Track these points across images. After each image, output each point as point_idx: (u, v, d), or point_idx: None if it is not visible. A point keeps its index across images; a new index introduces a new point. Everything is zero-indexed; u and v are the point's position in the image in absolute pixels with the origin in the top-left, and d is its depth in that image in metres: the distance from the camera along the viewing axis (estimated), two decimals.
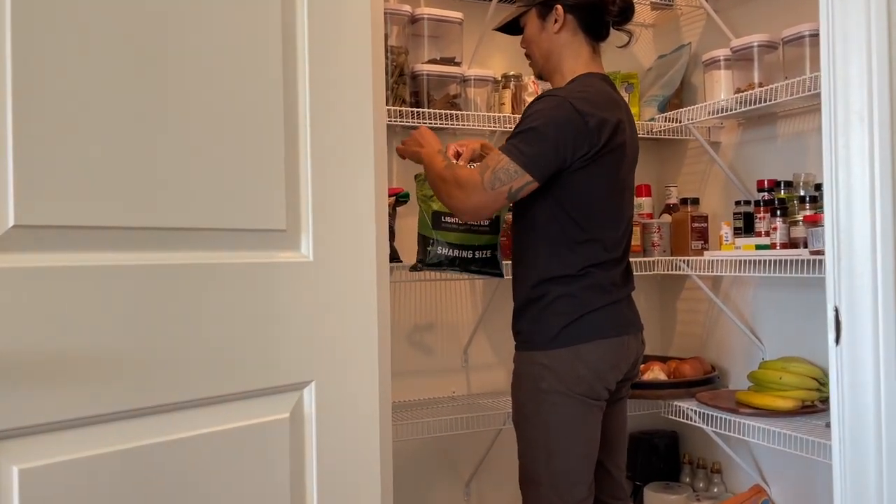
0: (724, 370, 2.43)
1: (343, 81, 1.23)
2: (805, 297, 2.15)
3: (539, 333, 1.59)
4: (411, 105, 2.23)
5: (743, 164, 2.37)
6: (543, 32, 1.66)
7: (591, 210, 1.58)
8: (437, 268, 1.85)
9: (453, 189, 1.57)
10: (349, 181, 1.25)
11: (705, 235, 2.26)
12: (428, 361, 2.39)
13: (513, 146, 1.54)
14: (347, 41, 1.23)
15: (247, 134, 1.07)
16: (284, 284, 1.13)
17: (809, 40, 1.93)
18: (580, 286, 1.58)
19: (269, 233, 1.12)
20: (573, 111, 1.52)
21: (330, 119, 1.22)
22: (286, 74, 1.12)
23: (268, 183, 1.11)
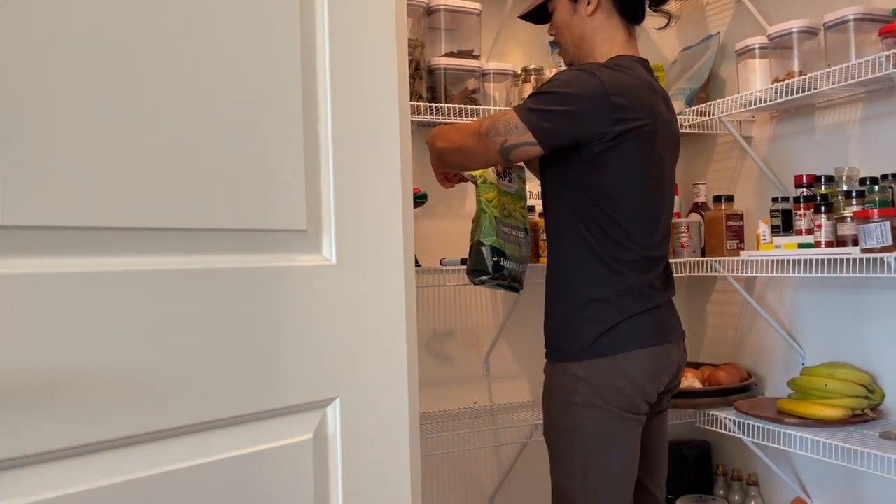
0: (760, 377, 2.31)
1: (367, 71, 1.12)
2: (849, 298, 2.03)
3: (572, 342, 1.47)
4: (428, 101, 2.11)
5: (777, 158, 2.25)
6: (575, 16, 1.54)
7: (622, 200, 1.46)
8: (500, 283, 1.66)
9: (451, 132, 1.52)
10: (375, 177, 1.14)
11: (741, 235, 2.13)
12: (448, 370, 2.27)
13: (524, 104, 1.45)
14: (371, 27, 1.12)
15: (261, 124, 0.96)
16: (305, 290, 1.01)
17: (854, 24, 1.81)
18: (616, 290, 1.46)
19: (287, 233, 1.01)
20: (598, 84, 1.41)
21: (353, 110, 1.10)
22: (305, 62, 1.01)
23: (286, 178, 1.00)
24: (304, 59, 1.01)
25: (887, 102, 1.93)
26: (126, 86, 0.78)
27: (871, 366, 1.97)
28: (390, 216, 1.15)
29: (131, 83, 0.78)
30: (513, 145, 1.42)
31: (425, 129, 2.24)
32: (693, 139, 2.54)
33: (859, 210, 1.73)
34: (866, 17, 1.82)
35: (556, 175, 1.49)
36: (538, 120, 1.40)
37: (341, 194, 1.07)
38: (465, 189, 2.28)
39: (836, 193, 1.94)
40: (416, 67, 2.11)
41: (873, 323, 1.96)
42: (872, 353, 1.97)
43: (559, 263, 1.51)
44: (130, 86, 0.78)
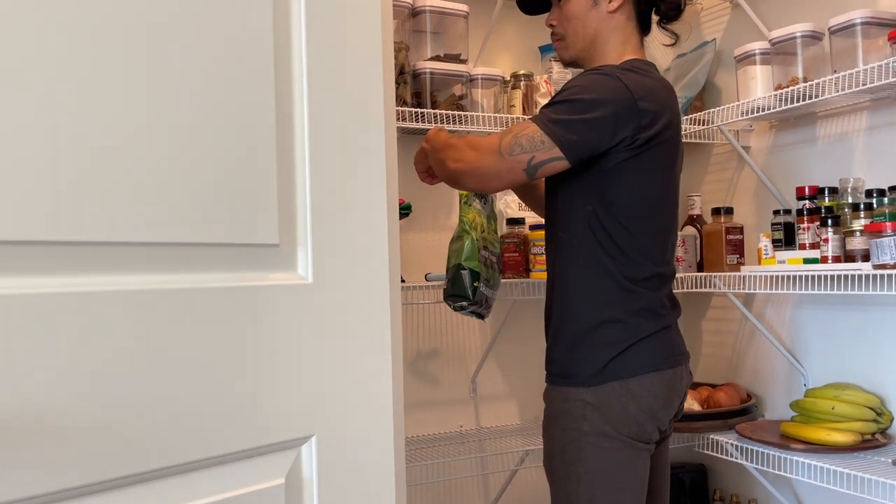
0: (759, 397, 2.20)
1: (349, 73, 1.01)
2: (853, 315, 1.93)
3: (581, 365, 1.35)
4: (413, 106, 2.00)
5: (777, 169, 2.16)
6: (594, 10, 1.41)
7: (641, 213, 1.35)
8: (475, 309, 1.55)
9: (464, 150, 1.34)
10: (357, 187, 1.02)
11: (741, 249, 2.04)
12: (432, 392, 2.15)
13: (544, 115, 1.31)
14: (353, 26, 1.00)
15: (226, 124, 0.83)
16: (277, 313, 0.89)
17: (862, 29, 1.72)
18: (629, 309, 1.34)
19: (256, 248, 0.89)
20: (623, 88, 1.30)
21: (333, 113, 0.99)
22: (279, 63, 0.90)
23: (254, 185, 0.88)
24: (278, 59, 0.89)
25: (893, 111, 1.85)
26: (86, 93, 0.66)
27: (879, 387, 1.87)
28: (374, 230, 1.03)
29: (95, 91, 0.66)
30: (540, 162, 1.29)
31: (409, 136, 2.12)
32: (688, 149, 2.44)
33: (871, 223, 1.63)
34: (873, 20, 1.74)
35: (570, 187, 1.37)
36: (563, 132, 1.28)
37: (319, 205, 0.95)
38: (452, 200, 2.16)
39: (842, 206, 1.85)
40: (401, 71, 1.99)
41: (880, 341, 1.87)
42: (880, 374, 1.87)
43: (568, 282, 1.39)
44: (90, 93, 0.66)
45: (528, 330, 2.24)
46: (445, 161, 1.37)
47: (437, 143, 1.41)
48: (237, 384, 0.80)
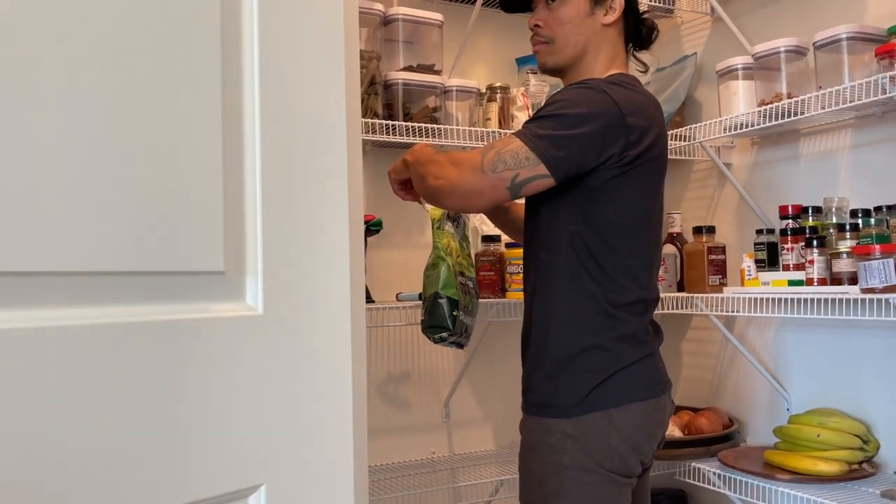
0: (741, 422, 2.14)
1: (306, 84, 0.92)
2: (838, 338, 1.87)
3: (561, 395, 1.27)
4: (384, 118, 1.92)
5: (759, 187, 2.10)
6: (590, 18, 1.34)
7: (629, 234, 1.28)
8: (455, 339, 1.45)
9: (445, 167, 1.26)
10: (315, 206, 0.93)
11: (724, 269, 1.97)
12: (403, 417, 2.05)
13: (529, 129, 1.23)
14: (311, 31, 0.91)
15: (165, 139, 0.74)
16: (221, 348, 0.79)
17: (847, 45, 1.67)
18: (612, 335, 1.27)
19: (198, 276, 0.79)
20: (611, 102, 1.23)
21: (288, 123, 0.89)
22: (226, 63, 0.81)
23: (197, 206, 0.78)
24: (226, 71, 0.80)
25: (878, 129, 1.80)
26: None
27: (865, 413, 1.81)
28: (335, 256, 0.94)
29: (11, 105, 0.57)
30: (525, 180, 1.21)
31: (380, 150, 2.04)
32: (669, 165, 2.38)
33: (858, 245, 1.57)
34: (859, 36, 1.69)
35: (553, 206, 1.29)
36: (549, 148, 1.20)
37: (272, 228, 0.86)
38: (425, 217, 2.08)
39: (826, 226, 1.79)
40: (371, 82, 1.91)
41: (865, 366, 1.81)
42: (865, 399, 1.81)
43: (550, 306, 1.31)
44: None
45: (503, 352, 2.15)
46: (426, 177, 1.29)
47: (420, 157, 1.33)
48: (172, 431, 0.70)
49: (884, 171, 1.78)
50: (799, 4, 1.98)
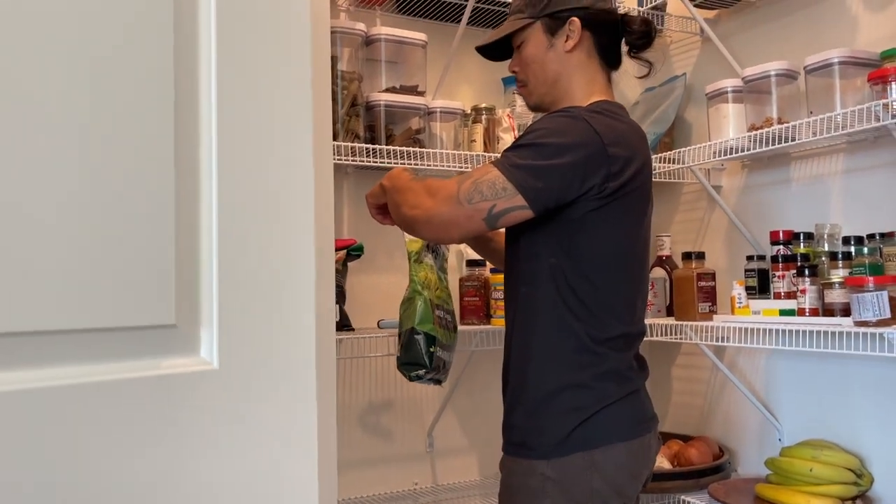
0: (732, 451, 2.08)
1: (268, 115, 0.86)
2: (832, 368, 1.83)
3: (542, 435, 1.22)
4: (366, 141, 1.86)
5: (749, 211, 2.06)
6: (551, 51, 1.31)
7: (610, 267, 1.23)
8: (433, 376, 1.39)
9: (421, 196, 1.22)
10: (277, 248, 0.87)
11: (713, 296, 1.92)
12: (385, 447, 1.99)
13: (507, 159, 1.19)
14: (274, 40, 0.86)
15: (109, 177, 0.69)
16: (172, 408, 0.74)
17: (839, 69, 1.63)
18: (594, 372, 1.22)
19: (146, 331, 0.74)
20: (591, 131, 1.19)
21: (247, 153, 0.84)
22: (179, 101, 0.75)
23: (144, 254, 0.73)
24: (179, 102, 0.75)
25: (871, 154, 1.76)
26: None
27: (858, 445, 1.76)
28: (300, 294, 0.88)
29: None
30: (502, 211, 1.17)
31: (361, 172, 1.98)
32: (657, 188, 2.32)
33: (851, 276, 1.53)
34: (851, 60, 1.65)
35: (533, 237, 1.24)
36: (527, 178, 1.16)
37: (229, 275, 0.80)
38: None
39: (818, 253, 1.75)
40: (353, 103, 1.86)
41: (858, 397, 1.76)
42: (858, 431, 1.76)
43: (529, 342, 1.26)
44: None
45: (488, 379, 2.10)
46: (402, 206, 1.25)
47: (397, 183, 1.28)
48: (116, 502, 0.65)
49: (877, 198, 1.74)
50: (790, 25, 1.95)
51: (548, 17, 1.31)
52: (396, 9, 2.04)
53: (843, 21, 1.82)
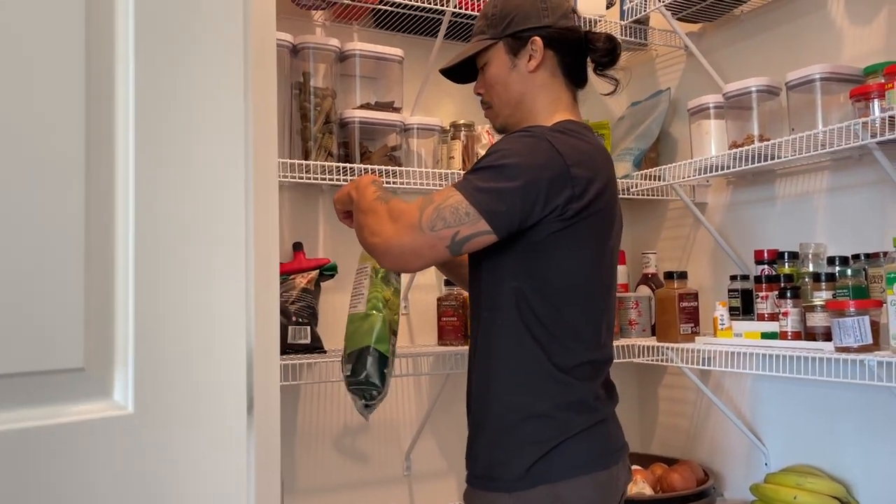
0: (718, 474, 2.03)
1: (196, 114, 0.82)
2: (818, 392, 1.77)
3: (503, 467, 1.17)
4: (340, 159, 1.83)
5: (735, 228, 2.01)
6: (514, 72, 1.28)
7: (574, 291, 1.19)
8: (378, 402, 1.32)
9: (383, 222, 1.16)
10: (203, 271, 0.83)
11: (696, 317, 1.88)
12: (361, 471, 1.95)
13: (469, 182, 1.14)
14: (202, 52, 0.82)
15: (7, 205, 0.65)
16: (82, 457, 0.70)
17: (821, 85, 1.59)
18: (558, 403, 1.17)
19: (50, 376, 0.70)
20: (554, 152, 1.14)
21: (169, 168, 0.80)
22: (90, 125, 0.72)
23: (47, 291, 0.69)
24: (90, 126, 0.71)
25: (856, 172, 1.71)
26: None
27: (844, 471, 1.71)
28: (230, 333, 0.84)
29: None
30: (465, 238, 1.12)
31: (335, 190, 1.94)
32: (642, 205, 2.29)
33: (833, 301, 1.48)
34: (833, 76, 1.60)
35: (495, 261, 1.20)
36: (490, 202, 1.12)
37: (148, 306, 0.76)
38: None
39: (802, 274, 1.70)
40: (327, 120, 1.82)
41: (845, 422, 1.71)
42: (845, 458, 1.71)
43: (491, 369, 1.21)
44: None
45: (464, 402, 2.05)
46: (363, 229, 1.20)
47: (361, 202, 1.23)
48: None
49: (862, 217, 1.69)
50: (776, 39, 1.90)
51: (510, 37, 1.27)
52: (374, 23, 2.01)
53: (828, 35, 1.77)
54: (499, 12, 1.30)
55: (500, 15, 1.29)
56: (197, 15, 0.81)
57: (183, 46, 0.79)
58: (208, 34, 0.82)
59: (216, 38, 0.83)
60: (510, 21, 1.27)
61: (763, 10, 1.93)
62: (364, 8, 1.91)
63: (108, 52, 0.74)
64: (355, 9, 1.91)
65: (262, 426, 0.92)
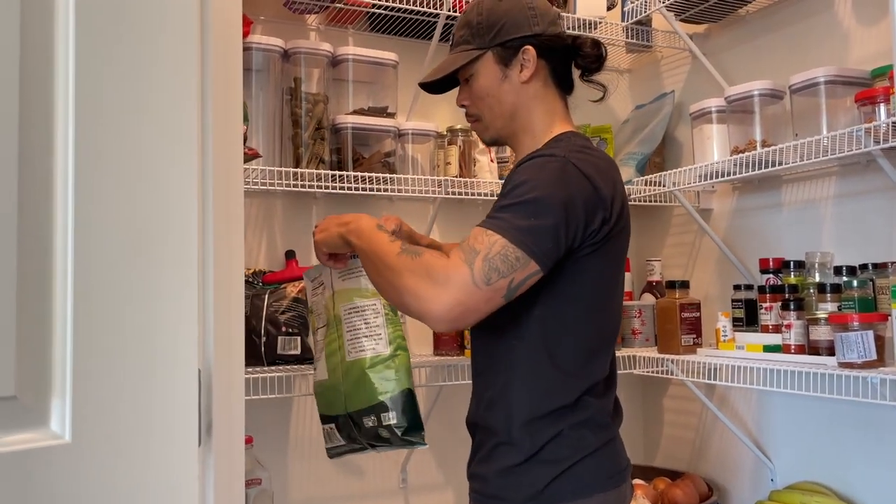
0: (723, 489, 1.97)
1: (141, 116, 0.79)
2: (826, 406, 1.71)
3: (514, 488, 1.14)
4: (332, 166, 1.79)
5: (740, 236, 1.95)
6: (506, 82, 1.22)
7: (596, 310, 1.16)
8: None
9: (426, 285, 1.05)
10: (150, 288, 0.80)
11: (698, 328, 1.82)
12: (357, 484, 1.91)
13: (506, 222, 1.07)
14: (147, 52, 0.79)
15: None
16: (15, 491, 0.67)
17: (826, 88, 1.53)
18: (573, 421, 1.14)
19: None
20: (580, 176, 1.10)
21: (113, 178, 0.77)
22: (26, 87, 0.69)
23: None
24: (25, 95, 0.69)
25: (864, 178, 1.64)
26: None
27: (851, 488, 1.64)
28: (179, 356, 0.81)
29: None
30: (520, 283, 1.06)
31: (331, 197, 1.91)
32: (647, 211, 2.24)
33: (836, 314, 1.41)
34: (839, 79, 1.54)
35: None
36: (536, 241, 1.06)
37: (87, 330, 0.73)
38: None
39: (808, 284, 1.64)
40: (318, 126, 1.79)
41: (853, 439, 1.64)
42: (853, 476, 1.64)
43: (508, 390, 1.17)
44: None
45: (463, 412, 2.00)
46: (401, 293, 1.08)
47: (382, 257, 1.11)
48: None
49: (870, 225, 1.63)
50: (781, 40, 1.84)
51: (499, 46, 1.21)
52: (369, 27, 1.97)
53: (835, 36, 1.71)
54: (485, 20, 1.23)
55: (488, 23, 1.22)
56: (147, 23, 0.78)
57: (127, 47, 0.76)
58: (158, 34, 0.79)
59: (168, 38, 0.79)
60: (499, 30, 1.21)
61: (768, 10, 1.87)
62: (358, 11, 1.88)
63: (46, 53, 0.71)
64: (349, 12, 1.87)
65: (223, 447, 0.88)
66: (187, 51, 0.81)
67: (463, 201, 2.03)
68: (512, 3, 1.23)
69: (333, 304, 1.25)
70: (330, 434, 1.28)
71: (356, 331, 1.22)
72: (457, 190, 1.88)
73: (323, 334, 1.28)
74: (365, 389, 1.20)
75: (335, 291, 1.25)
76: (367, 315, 1.23)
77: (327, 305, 1.27)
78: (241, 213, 0.96)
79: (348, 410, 1.22)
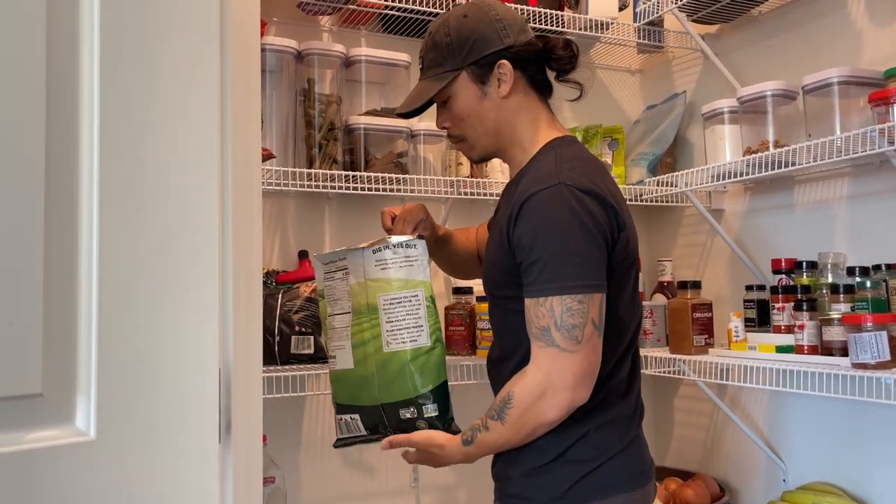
0: (735, 490, 1.97)
1: (165, 116, 0.80)
2: (839, 406, 1.71)
3: (540, 489, 1.15)
4: (345, 166, 1.80)
5: (752, 236, 1.95)
6: (486, 100, 1.21)
7: (619, 308, 1.18)
8: None
9: (532, 411, 1.10)
10: (172, 291, 0.81)
11: (710, 328, 1.82)
12: (369, 483, 1.92)
13: (553, 283, 1.09)
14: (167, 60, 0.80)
15: None
16: (39, 487, 0.68)
17: (839, 89, 1.52)
18: (599, 422, 1.15)
19: (5, 402, 0.68)
20: (579, 194, 1.11)
21: (136, 205, 0.78)
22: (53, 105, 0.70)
23: (1, 310, 0.67)
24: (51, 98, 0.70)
25: (878, 178, 1.64)
26: None
27: (864, 490, 1.64)
28: (201, 355, 0.82)
29: None
30: (600, 316, 1.11)
31: (345, 197, 1.92)
32: (658, 211, 2.24)
33: (849, 314, 1.41)
34: (852, 80, 1.54)
35: None
36: (584, 278, 1.10)
37: (112, 329, 0.74)
38: None
39: (820, 285, 1.63)
40: (331, 127, 1.80)
41: (867, 440, 1.64)
42: (867, 477, 1.64)
43: None
44: None
45: (475, 411, 2.01)
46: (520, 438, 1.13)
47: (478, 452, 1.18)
48: None
49: (884, 225, 1.62)
50: (793, 41, 1.84)
51: (473, 65, 1.20)
52: (381, 28, 1.98)
53: (847, 37, 1.71)
54: (454, 40, 1.20)
55: (458, 42, 1.20)
56: (169, 25, 0.79)
57: (152, 52, 0.77)
58: (179, 35, 0.80)
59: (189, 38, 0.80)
60: (471, 48, 1.19)
61: (781, 10, 1.87)
62: (371, 13, 1.89)
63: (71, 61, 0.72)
64: (362, 13, 1.88)
65: (242, 446, 0.89)
66: (208, 51, 0.82)
67: (475, 201, 2.03)
68: (478, 18, 1.21)
69: (366, 292, 1.24)
70: (348, 424, 1.29)
71: (397, 322, 1.22)
72: (468, 190, 1.89)
73: (345, 321, 1.27)
74: (405, 381, 1.21)
75: (370, 279, 1.24)
76: (409, 306, 1.23)
77: (353, 292, 1.26)
78: (259, 214, 0.97)
79: (382, 401, 1.22)
